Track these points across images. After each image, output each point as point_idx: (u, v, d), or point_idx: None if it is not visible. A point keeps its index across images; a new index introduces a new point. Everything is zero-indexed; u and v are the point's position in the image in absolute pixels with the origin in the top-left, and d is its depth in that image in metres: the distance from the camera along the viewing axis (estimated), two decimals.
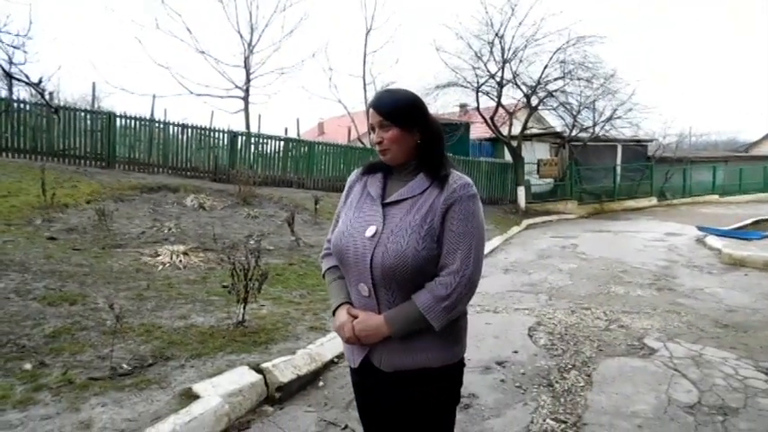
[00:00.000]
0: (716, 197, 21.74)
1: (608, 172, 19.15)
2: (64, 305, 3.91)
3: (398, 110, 1.42)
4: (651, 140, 20.95)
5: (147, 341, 3.42)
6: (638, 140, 20.37)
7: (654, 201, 19.46)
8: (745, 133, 49.03)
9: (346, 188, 1.60)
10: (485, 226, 1.43)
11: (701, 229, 10.77)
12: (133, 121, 12.13)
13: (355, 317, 1.41)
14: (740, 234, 9.70)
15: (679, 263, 7.75)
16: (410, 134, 1.43)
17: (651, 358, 3.73)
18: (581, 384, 3.30)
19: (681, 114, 71.72)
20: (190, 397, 2.65)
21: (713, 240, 9.29)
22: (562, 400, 3.09)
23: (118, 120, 11.87)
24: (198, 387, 2.73)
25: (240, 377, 2.91)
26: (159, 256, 5.60)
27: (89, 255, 5.44)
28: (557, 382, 3.35)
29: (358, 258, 1.39)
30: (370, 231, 1.39)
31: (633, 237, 10.92)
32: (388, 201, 1.44)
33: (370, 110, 1.44)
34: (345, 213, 1.51)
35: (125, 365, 3.00)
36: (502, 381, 3.35)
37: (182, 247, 5.87)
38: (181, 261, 5.53)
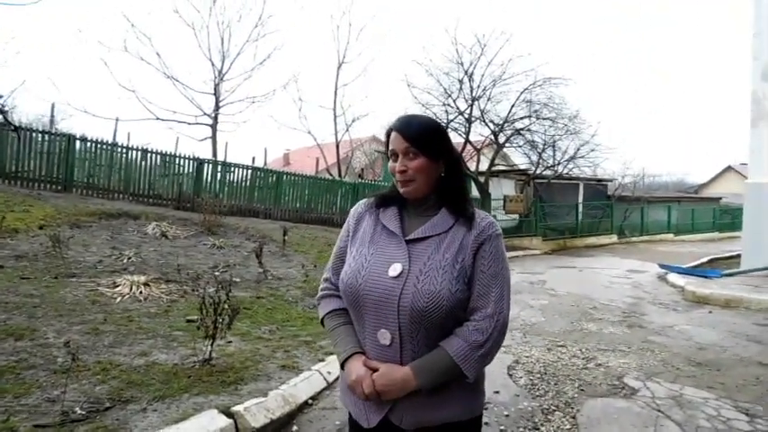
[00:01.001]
0: (671, 236, 22.55)
1: (571, 209, 19.62)
2: (9, 340, 3.55)
3: (428, 137, 1.30)
4: (611, 180, 21.72)
5: (103, 381, 3.11)
6: (599, 179, 21.08)
7: (614, 238, 20.00)
8: (692, 175, 51.88)
9: (353, 221, 1.44)
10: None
11: (662, 266, 11.04)
12: (93, 145, 11.70)
13: (374, 369, 1.24)
14: (699, 272, 9.97)
15: (645, 300, 7.86)
16: (436, 165, 1.32)
17: (634, 398, 3.66)
18: (567, 427, 3.18)
19: (638, 155, 75.13)
20: None
21: (675, 278, 9.52)
22: None
23: (77, 142, 11.42)
24: None
25: (209, 422, 2.67)
26: (118, 286, 5.25)
27: (40, 284, 5.05)
28: (542, 424, 3.22)
29: (381, 301, 1.23)
30: (395, 270, 1.24)
31: (598, 273, 11.09)
32: (411, 237, 1.30)
33: (393, 135, 1.32)
34: (357, 249, 1.35)
35: (78, 410, 2.70)
36: (486, 424, 3.20)
37: (142, 278, 5.54)
38: (141, 292, 5.20)
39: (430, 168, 1.30)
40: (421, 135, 1.30)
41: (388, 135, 1.35)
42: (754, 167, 9.81)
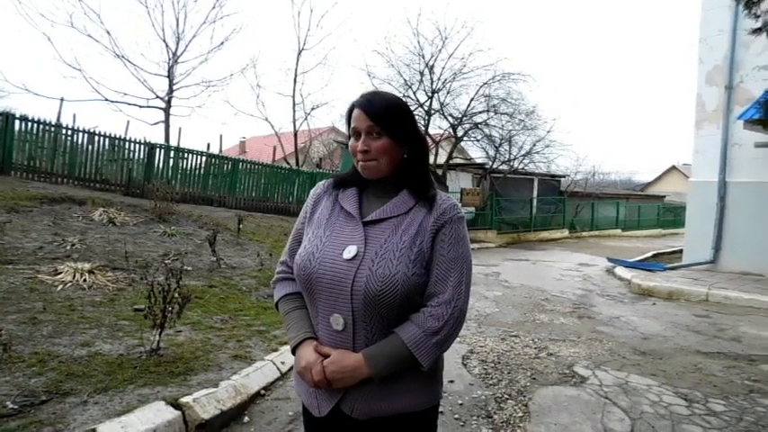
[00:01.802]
0: (619, 231, 23.48)
1: (525, 204, 20.07)
2: None
3: (393, 116, 1.24)
4: (564, 176, 22.36)
5: (40, 373, 2.93)
6: (553, 175, 21.66)
7: (566, 233, 20.61)
8: (639, 174, 54.35)
9: (311, 202, 1.39)
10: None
11: (610, 260, 11.47)
12: (35, 125, 11.02)
13: (325, 355, 1.19)
14: (645, 266, 10.41)
15: (594, 292, 8.13)
16: (400, 146, 1.26)
17: (583, 386, 3.76)
18: (519, 415, 3.24)
19: (590, 153, 77.85)
20: None
21: (622, 271, 9.89)
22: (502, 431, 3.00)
23: (17, 122, 10.73)
24: (104, 428, 2.33)
25: (155, 415, 2.55)
26: (59, 274, 4.97)
27: None
28: (495, 413, 3.27)
29: (334, 284, 1.18)
30: (350, 253, 1.19)
31: (550, 266, 11.40)
32: (368, 219, 1.25)
33: (355, 112, 1.26)
34: (313, 231, 1.29)
35: (10, 404, 2.52)
36: (440, 412, 3.21)
37: (87, 265, 5.26)
38: (85, 280, 4.95)
39: (393, 149, 1.25)
40: (386, 114, 1.24)
41: (350, 112, 1.28)
42: (698, 167, 10.29)
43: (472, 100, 16.33)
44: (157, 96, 15.50)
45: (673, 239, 20.07)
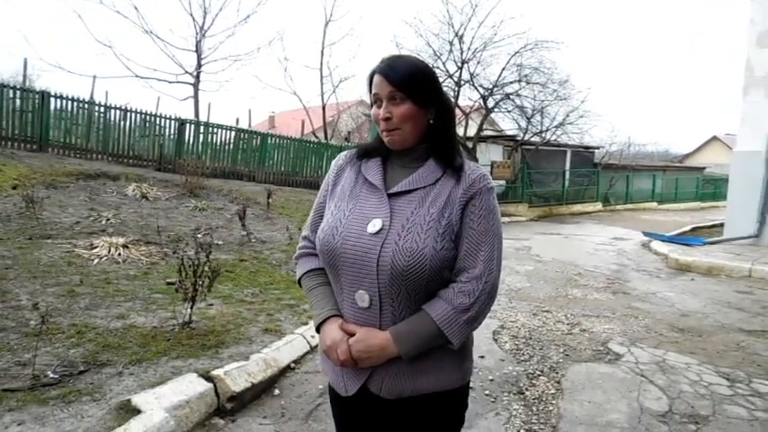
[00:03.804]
0: (655, 204, 22.74)
1: (557, 176, 19.57)
2: None
3: (415, 80, 1.16)
4: (599, 147, 21.67)
5: (77, 344, 3.01)
6: (587, 147, 20.99)
7: (599, 206, 20.07)
8: (678, 146, 52.17)
9: (333, 173, 1.32)
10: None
11: (646, 234, 11.13)
12: (70, 103, 11.27)
13: (351, 334, 1.14)
14: (683, 240, 10.06)
15: (629, 267, 7.91)
16: (424, 112, 1.18)
17: (618, 364, 3.67)
18: (552, 392, 3.18)
19: (625, 124, 75.14)
20: (129, 411, 2.31)
21: (658, 245, 9.58)
22: (534, 408, 2.95)
23: (52, 100, 10.98)
24: (138, 399, 2.38)
25: (187, 386, 2.59)
26: (95, 248, 5.10)
27: (12, 245, 4.87)
28: (527, 389, 3.21)
29: (358, 259, 1.12)
30: (375, 226, 1.13)
31: (583, 240, 11.14)
32: (393, 191, 1.18)
33: (376, 78, 1.18)
34: (336, 204, 1.23)
35: (50, 373, 2.60)
36: (471, 388, 3.17)
37: (121, 240, 5.38)
38: (120, 254, 5.06)
39: (417, 115, 1.17)
40: (408, 78, 1.15)
41: (370, 79, 1.20)
42: (744, 136, 9.77)
43: (503, 70, 15.84)
44: (186, 71, 15.61)
45: (712, 213, 19.35)
